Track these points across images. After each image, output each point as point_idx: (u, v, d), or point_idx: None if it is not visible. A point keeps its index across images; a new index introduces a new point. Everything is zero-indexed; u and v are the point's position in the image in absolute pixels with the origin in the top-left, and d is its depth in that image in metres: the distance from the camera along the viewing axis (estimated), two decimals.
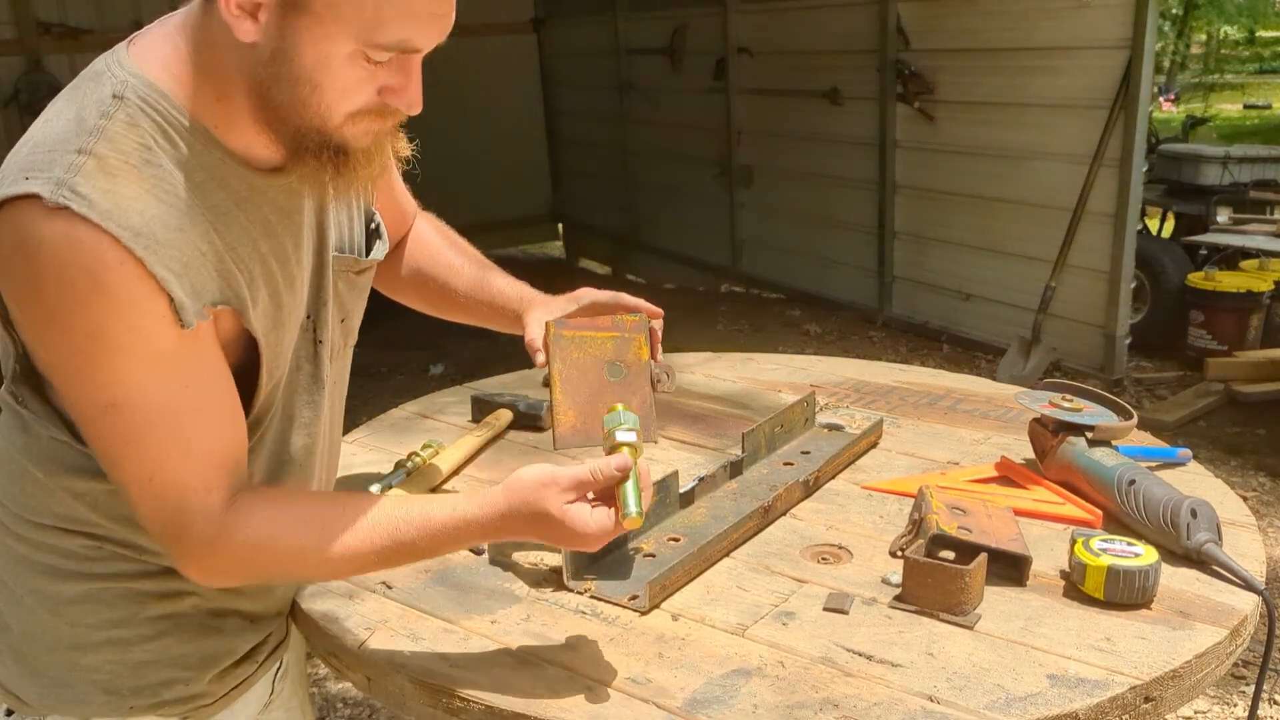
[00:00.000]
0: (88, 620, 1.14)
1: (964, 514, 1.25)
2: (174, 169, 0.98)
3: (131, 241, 0.93)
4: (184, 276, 0.97)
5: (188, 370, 1.00)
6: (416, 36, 0.97)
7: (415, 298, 1.48)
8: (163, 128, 0.98)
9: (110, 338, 0.95)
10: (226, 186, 1.02)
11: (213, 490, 1.03)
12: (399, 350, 5.78)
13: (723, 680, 1.05)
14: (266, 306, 1.07)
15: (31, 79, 6.72)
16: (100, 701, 1.15)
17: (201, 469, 1.02)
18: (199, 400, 1.01)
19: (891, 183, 5.99)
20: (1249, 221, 5.45)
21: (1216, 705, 2.73)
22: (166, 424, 0.99)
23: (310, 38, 0.94)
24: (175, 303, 0.96)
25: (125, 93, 0.98)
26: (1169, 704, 1.04)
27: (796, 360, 2.10)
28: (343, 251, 1.21)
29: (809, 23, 6.35)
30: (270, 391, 1.12)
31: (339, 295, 1.22)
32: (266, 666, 1.26)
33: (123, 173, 0.95)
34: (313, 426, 1.21)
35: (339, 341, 1.25)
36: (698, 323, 6.21)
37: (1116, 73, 4.69)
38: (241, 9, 0.93)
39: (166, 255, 0.95)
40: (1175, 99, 17.60)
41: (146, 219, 0.95)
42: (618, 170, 8.46)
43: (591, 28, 8.39)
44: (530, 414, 1.74)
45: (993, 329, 5.51)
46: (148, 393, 0.98)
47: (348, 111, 0.99)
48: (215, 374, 1.03)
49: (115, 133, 0.96)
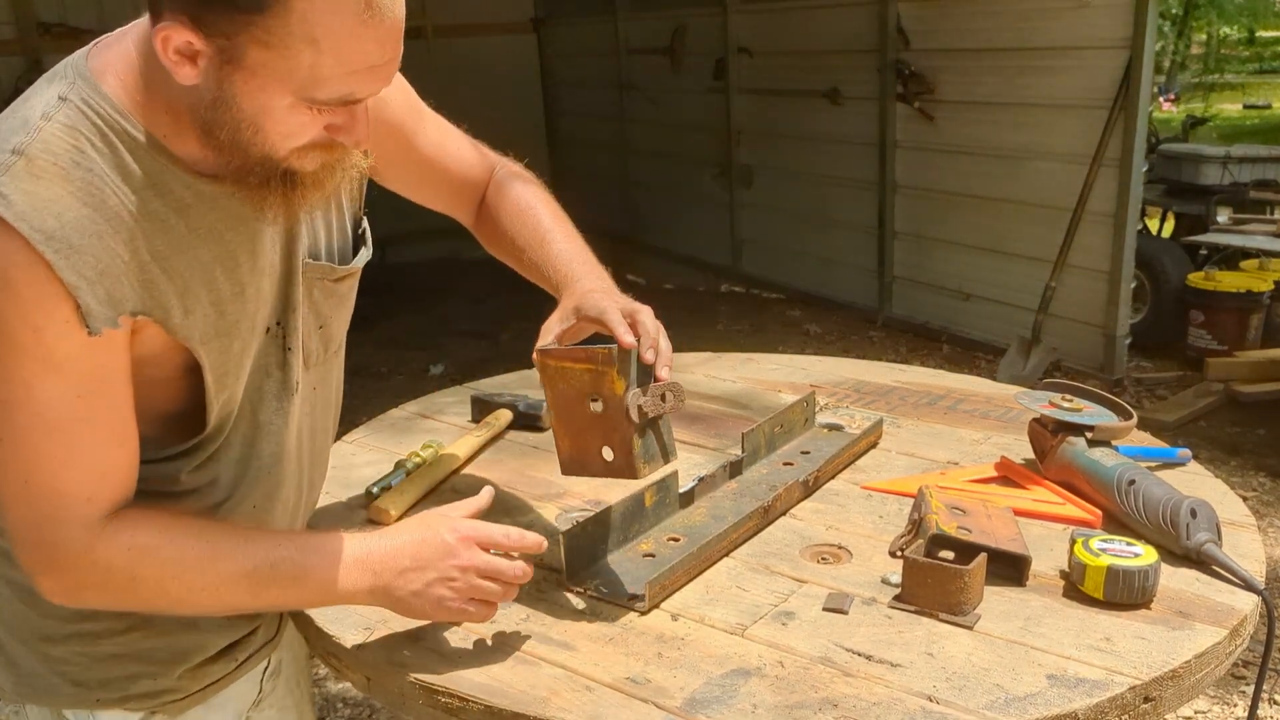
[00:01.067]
0: (58, 612, 1.14)
1: (964, 514, 1.25)
2: (108, 172, 0.98)
3: (43, 244, 0.93)
4: (97, 284, 0.96)
5: (84, 380, 0.99)
6: (357, 90, 0.97)
7: (502, 254, 1.45)
8: (102, 132, 0.98)
9: (9, 334, 0.95)
10: (168, 194, 1.02)
11: (94, 501, 1.02)
12: (399, 350, 5.79)
13: (722, 680, 1.05)
14: (207, 314, 1.06)
15: (31, 79, 6.63)
16: (69, 692, 1.17)
17: (83, 479, 1.01)
18: (91, 412, 1.00)
19: (891, 183, 5.99)
20: (1249, 221, 5.44)
21: (1216, 705, 2.74)
22: (52, 430, 0.99)
23: (248, 89, 0.94)
24: (82, 308, 0.95)
25: (70, 95, 0.99)
26: (1168, 704, 1.04)
27: (796, 360, 2.10)
28: (318, 258, 1.20)
29: (809, 23, 6.35)
30: (226, 400, 1.12)
31: (314, 302, 1.21)
32: (249, 665, 1.26)
33: (49, 175, 0.95)
34: (282, 434, 1.20)
35: (317, 348, 1.24)
36: (698, 323, 6.21)
37: (1116, 73, 4.69)
38: (180, 54, 0.93)
39: (79, 261, 0.95)
40: (1175, 99, 17.60)
41: (63, 223, 0.94)
42: (618, 170, 8.47)
43: (591, 28, 8.39)
44: (530, 414, 1.74)
45: (993, 329, 5.51)
46: (36, 396, 0.97)
47: (293, 148, 1.00)
48: (113, 388, 1.02)
49: (51, 134, 0.96)
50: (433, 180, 1.41)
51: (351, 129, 1.01)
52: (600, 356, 1.17)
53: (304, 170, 1.03)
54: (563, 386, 1.21)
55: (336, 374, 1.35)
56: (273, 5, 0.89)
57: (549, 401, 1.24)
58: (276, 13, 0.89)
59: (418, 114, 1.36)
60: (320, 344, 1.24)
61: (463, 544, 1.08)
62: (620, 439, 1.18)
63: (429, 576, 1.06)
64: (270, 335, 1.16)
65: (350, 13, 0.91)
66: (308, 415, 1.26)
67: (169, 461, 1.10)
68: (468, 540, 1.08)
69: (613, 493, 1.39)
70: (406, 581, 1.07)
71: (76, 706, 1.18)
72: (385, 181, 1.35)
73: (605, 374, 1.17)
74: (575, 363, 1.19)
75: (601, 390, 1.18)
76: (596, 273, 1.34)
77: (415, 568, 1.07)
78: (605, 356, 1.17)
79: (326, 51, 0.92)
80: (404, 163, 1.35)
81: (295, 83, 0.94)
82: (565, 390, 1.21)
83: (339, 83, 0.95)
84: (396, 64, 0.99)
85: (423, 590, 1.07)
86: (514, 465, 1.61)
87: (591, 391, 1.19)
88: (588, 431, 1.21)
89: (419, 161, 1.37)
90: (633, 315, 1.22)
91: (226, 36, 0.91)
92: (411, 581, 1.07)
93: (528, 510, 1.45)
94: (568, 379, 1.20)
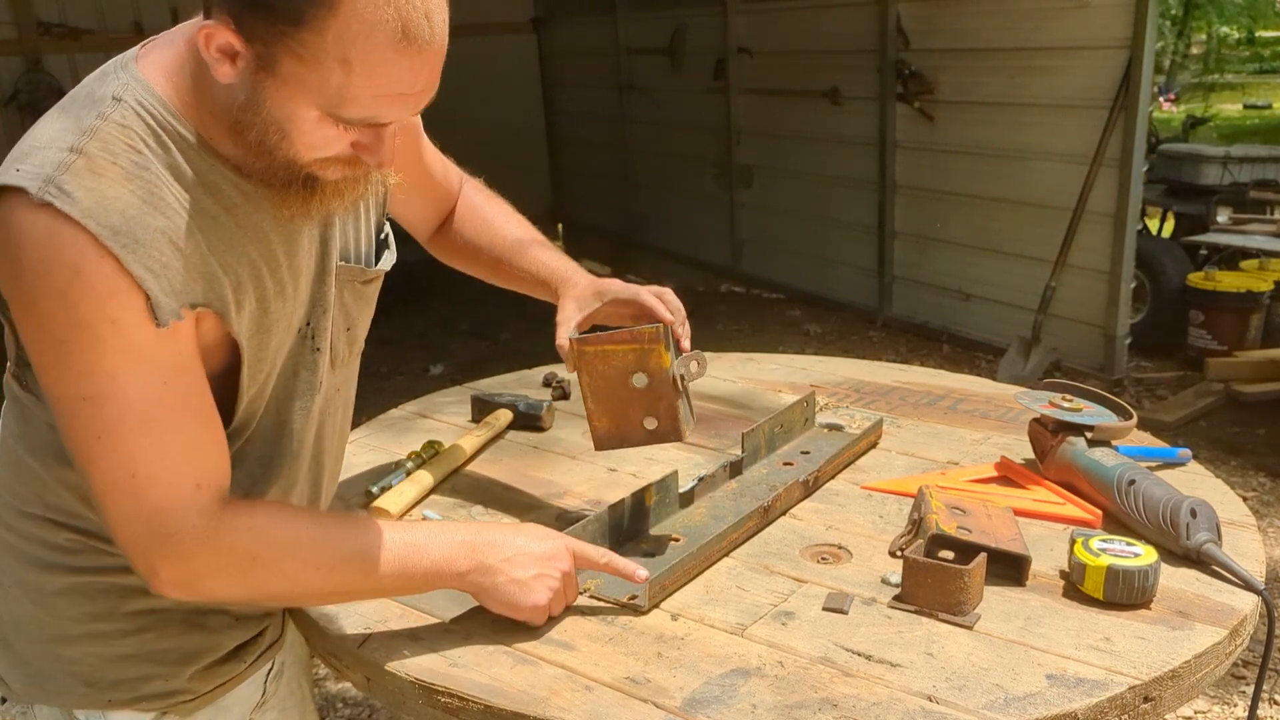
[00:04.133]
0: (69, 613, 1.15)
1: (964, 514, 1.25)
2: (163, 171, 1.00)
3: (110, 239, 0.94)
4: (162, 276, 0.97)
5: (166, 367, 1.00)
6: (384, 114, 0.99)
7: (468, 265, 1.52)
8: (155, 131, 1.00)
9: (88, 327, 0.95)
10: (217, 192, 1.03)
11: (203, 487, 1.02)
12: (399, 350, 5.79)
13: (722, 680, 1.05)
14: (252, 311, 1.08)
15: (31, 79, 6.72)
16: (80, 693, 1.17)
17: (187, 466, 1.01)
18: (180, 399, 1.01)
19: (891, 183, 5.99)
20: (1249, 221, 5.44)
21: (1216, 705, 2.73)
22: (145, 421, 0.99)
23: (278, 97, 0.96)
24: (151, 300, 0.96)
25: (124, 95, 1.00)
26: (1168, 704, 1.04)
27: (796, 360, 2.10)
28: (348, 260, 1.22)
29: (809, 23, 6.35)
30: (254, 397, 1.13)
31: (344, 304, 1.23)
32: (256, 666, 1.26)
33: (109, 172, 0.96)
34: (304, 434, 1.21)
35: (343, 349, 1.26)
36: (698, 323, 6.16)
37: (1116, 73, 4.69)
38: (221, 52, 0.95)
39: (144, 254, 0.96)
40: (1175, 99, 17.59)
41: (127, 219, 0.96)
42: (618, 170, 8.47)
43: (591, 28, 8.39)
44: (530, 414, 1.74)
45: (993, 329, 5.51)
46: (125, 387, 0.97)
47: (317, 159, 1.01)
48: (193, 375, 1.03)
49: (108, 133, 0.98)
50: (422, 189, 1.43)
51: (376, 149, 1.02)
52: (646, 335, 1.28)
53: (326, 179, 1.04)
54: (603, 368, 1.29)
55: (355, 376, 1.37)
56: (309, 21, 0.91)
57: (584, 386, 1.31)
58: (313, 28, 0.91)
59: (419, 124, 1.38)
60: (346, 345, 1.26)
61: (567, 552, 1.16)
62: (666, 407, 1.30)
63: (535, 570, 1.13)
64: (301, 335, 1.18)
65: (385, 40, 0.92)
66: (329, 416, 1.27)
67: None
68: (570, 551, 1.16)
69: (613, 493, 1.39)
70: (510, 567, 1.12)
71: (88, 707, 1.18)
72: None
73: (652, 350, 1.28)
74: (618, 344, 1.29)
75: (648, 366, 1.28)
76: (584, 269, 1.45)
77: (521, 559, 1.13)
78: (651, 335, 1.28)
79: (358, 73, 0.93)
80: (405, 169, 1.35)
81: (324, 98, 0.95)
82: (606, 371, 1.29)
83: (367, 105, 0.96)
84: (430, 94, 1.00)
85: (527, 581, 1.13)
86: (514, 465, 1.61)
87: (636, 368, 1.29)
88: (629, 406, 1.30)
89: (421, 173, 1.40)
90: (661, 295, 1.36)
91: (264, 43, 0.93)
92: (516, 569, 1.12)
93: (528, 510, 1.45)
94: (609, 360, 1.29)
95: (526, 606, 1.12)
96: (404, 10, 0.92)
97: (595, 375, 1.30)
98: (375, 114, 0.98)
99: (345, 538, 1.08)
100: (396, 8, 0.92)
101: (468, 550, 1.11)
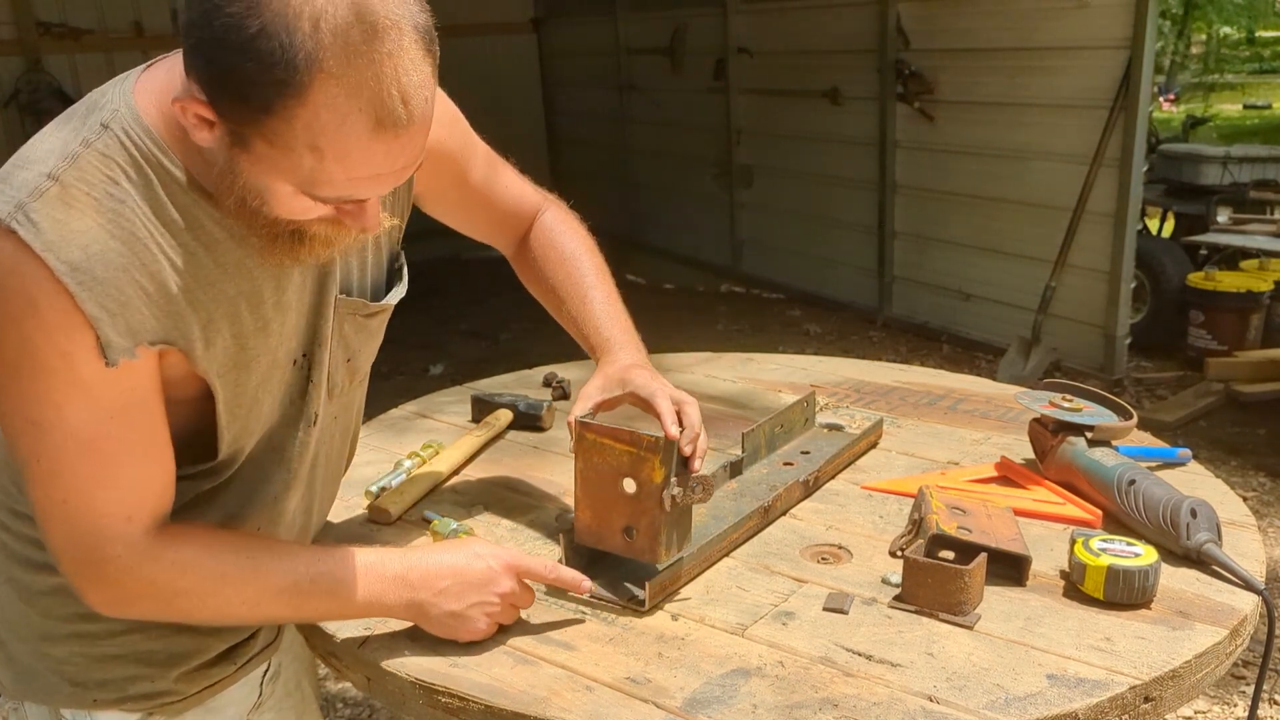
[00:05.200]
0: (57, 612, 1.16)
1: (964, 514, 1.25)
2: (139, 205, 0.98)
3: (66, 276, 0.94)
4: (118, 315, 0.97)
5: (112, 403, 1.00)
6: (359, 193, 0.97)
7: (536, 294, 1.47)
8: (138, 163, 0.99)
9: (39, 357, 0.96)
10: (198, 228, 1.02)
11: (133, 520, 1.03)
12: (399, 350, 5.79)
13: (722, 680, 1.05)
14: (226, 347, 1.07)
15: (31, 79, 6.72)
16: (67, 692, 1.18)
17: (121, 498, 1.02)
18: (125, 431, 1.01)
19: (891, 183, 5.99)
20: (1249, 221, 5.44)
21: (1216, 705, 2.74)
22: (86, 450, 1.00)
23: (254, 170, 0.95)
24: (101, 340, 0.96)
25: (111, 123, 0.99)
26: (1168, 704, 1.04)
27: (796, 360, 2.10)
28: (350, 294, 1.21)
29: (809, 23, 6.35)
30: (240, 429, 1.12)
31: (344, 336, 1.22)
32: (249, 668, 1.26)
33: (81, 203, 0.95)
34: (298, 461, 1.21)
35: (343, 380, 1.25)
36: (698, 323, 6.21)
37: (1116, 73, 4.69)
38: (199, 118, 0.94)
39: (100, 292, 0.95)
40: (1175, 99, 17.59)
41: (89, 255, 0.95)
42: (618, 170, 8.46)
43: (591, 28, 8.39)
44: (530, 414, 1.74)
45: (993, 329, 5.51)
46: (68, 417, 0.98)
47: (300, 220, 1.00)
48: (146, 408, 1.03)
49: (87, 161, 0.97)
50: (480, 213, 1.42)
51: (360, 216, 1.01)
52: (645, 443, 1.18)
53: (313, 233, 1.02)
54: (597, 461, 1.22)
55: (359, 402, 1.36)
56: (278, 110, 0.89)
57: (577, 471, 1.24)
58: (282, 116, 0.89)
59: (470, 147, 1.35)
60: (346, 376, 1.26)
61: (505, 572, 1.13)
62: (648, 523, 1.19)
63: (470, 600, 1.11)
64: (297, 367, 1.17)
65: (358, 128, 0.90)
66: (325, 443, 1.27)
67: (181, 482, 1.10)
68: (510, 569, 1.13)
69: None
70: (444, 600, 1.10)
71: (74, 706, 1.19)
72: (431, 211, 1.35)
73: (647, 461, 1.18)
74: (617, 442, 1.20)
75: (639, 474, 1.19)
76: (635, 343, 1.38)
77: (456, 589, 1.10)
78: (651, 444, 1.18)
79: (330, 159, 0.92)
80: (454, 197, 1.36)
81: (297, 179, 0.94)
82: (599, 464, 1.22)
83: (341, 186, 0.95)
84: (407, 173, 0.98)
85: (462, 612, 1.10)
86: (514, 465, 1.61)
87: (628, 473, 1.20)
88: (614, 508, 1.21)
89: (469, 195, 1.38)
90: (680, 405, 1.25)
91: (236, 123, 0.92)
92: (450, 601, 1.10)
93: (528, 510, 1.45)
94: (605, 455, 1.21)
95: (464, 639, 1.12)
96: (378, 96, 0.89)
97: (589, 465, 1.22)
98: (351, 194, 0.96)
99: (275, 572, 1.08)
100: (370, 95, 0.89)
101: (399, 586, 1.10)
